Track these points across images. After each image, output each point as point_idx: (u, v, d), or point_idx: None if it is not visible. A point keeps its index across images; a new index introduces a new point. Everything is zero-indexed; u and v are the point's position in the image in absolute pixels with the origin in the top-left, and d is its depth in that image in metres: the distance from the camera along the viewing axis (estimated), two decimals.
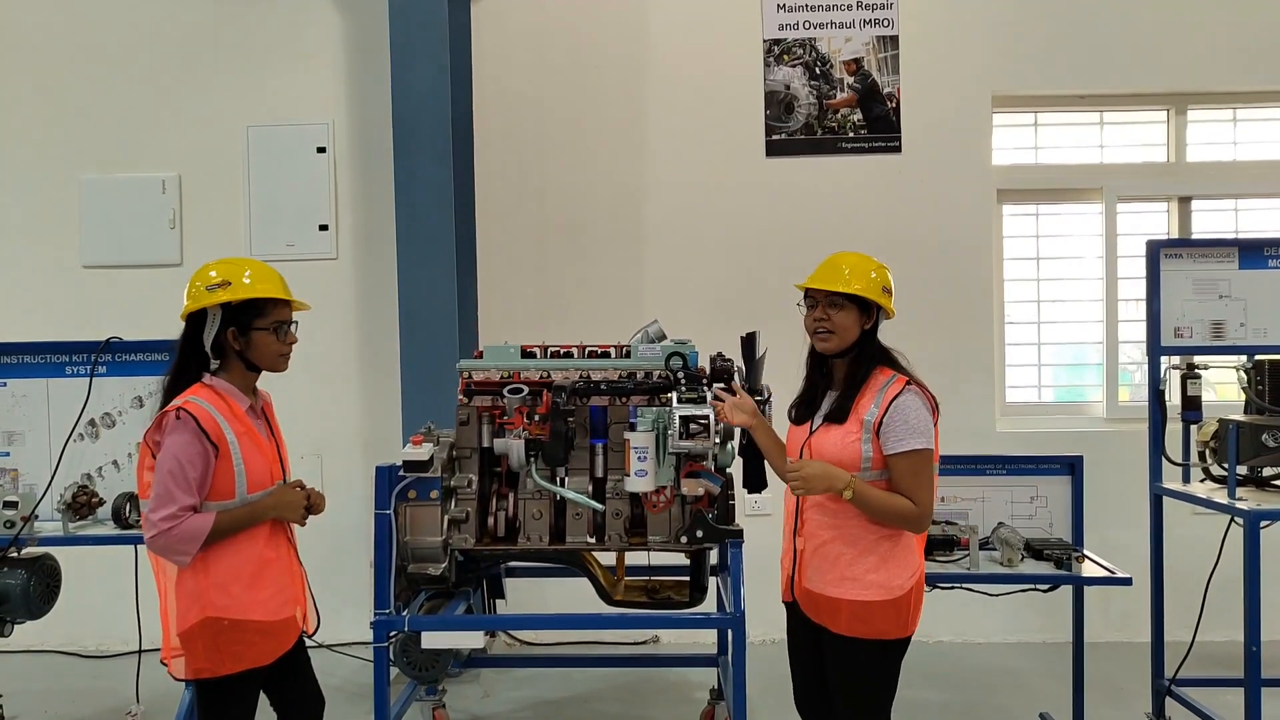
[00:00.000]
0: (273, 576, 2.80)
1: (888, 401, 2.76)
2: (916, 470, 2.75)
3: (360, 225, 5.57)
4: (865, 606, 2.77)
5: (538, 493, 3.40)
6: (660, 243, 5.56)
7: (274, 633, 2.79)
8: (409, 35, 4.90)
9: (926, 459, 2.76)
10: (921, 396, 2.79)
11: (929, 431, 2.77)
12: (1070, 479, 4.01)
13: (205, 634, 2.67)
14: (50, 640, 5.44)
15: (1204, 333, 4.25)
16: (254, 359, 2.80)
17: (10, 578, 3.72)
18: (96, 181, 5.59)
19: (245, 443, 2.73)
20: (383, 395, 5.43)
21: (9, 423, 4.05)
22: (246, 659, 2.72)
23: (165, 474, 2.62)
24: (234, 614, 2.69)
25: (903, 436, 2.73)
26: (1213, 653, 4.46)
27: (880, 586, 2.77)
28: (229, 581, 2.70)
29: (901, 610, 2.79)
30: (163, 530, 2.60)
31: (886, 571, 2.79)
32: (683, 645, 5.39)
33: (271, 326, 2.79)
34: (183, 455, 2.62)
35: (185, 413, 2.64)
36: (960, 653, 5.27)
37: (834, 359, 2.90)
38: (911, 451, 2.73)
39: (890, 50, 5.47)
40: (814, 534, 2.86)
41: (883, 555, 2.79)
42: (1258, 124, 5.69)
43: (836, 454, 2.78)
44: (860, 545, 2.79)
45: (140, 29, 5.60)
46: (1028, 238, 5.71)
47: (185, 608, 2.70)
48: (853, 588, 2.78)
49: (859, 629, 2.78)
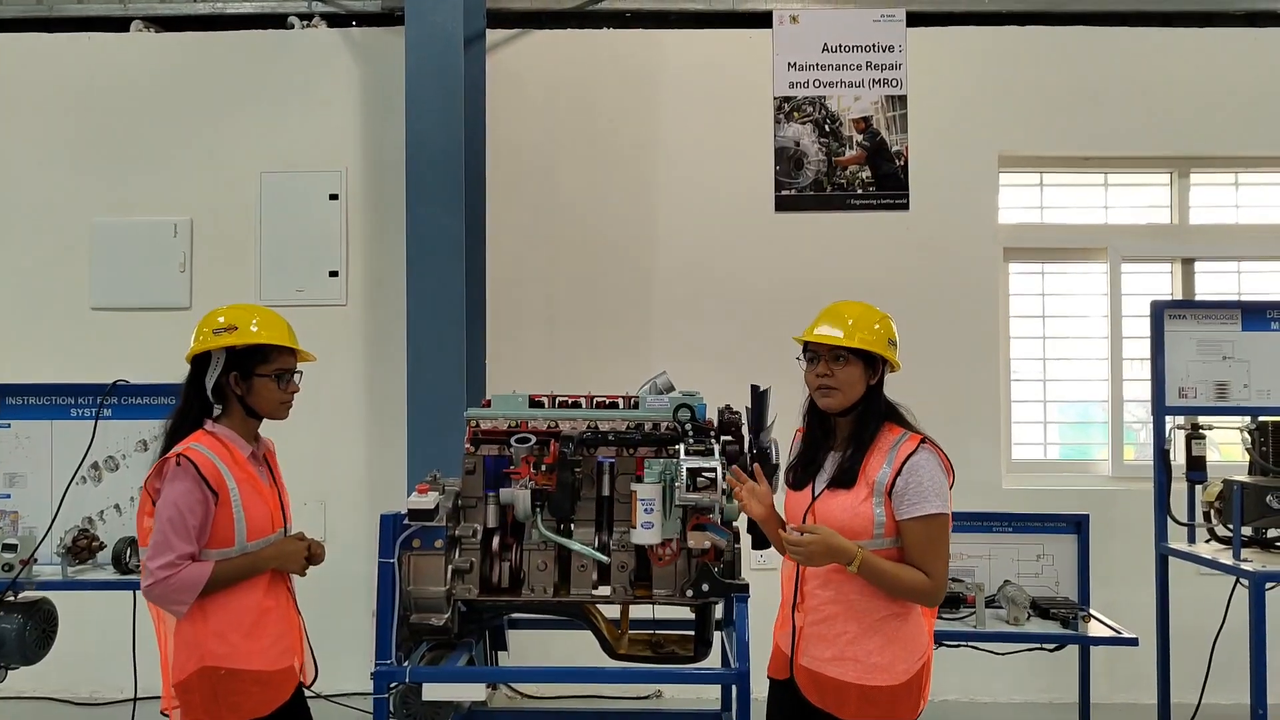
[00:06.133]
0: (271, 625, 2.78)
1: (901, 461, 2.56)
2: (932, 537, 2.54)
3: (370, 272, 5.60)
4: (876, 691, 2.57)
5: (542, 544, 3.38)
6: (669, 295, 5.59)
7: (272, 683, 2.76)
8: (424, 86, 4.96)
9: (943, 525, 2.56)
10: (937, 456, 2.60)
11: (945, 494, 2.57)
12: (1076, 537, 4.00)
13: (203, 684, 2.65)
14: (43, 687, 5.36)
15: (1208, 393, 4.26)
16: (254, 405, 2.81)
17: (6, 622, 3.66)
18: (108, 224, 5.63)
19: (246, 490, 2.73)
20: (388, 442, 5.41)
21: (11, 464, 4.01)
22: (245, 709, 2.69)
23: (164, 522, 2.61)
24: (232, 663, 2.67)
25: (917, 500, 2.53)
26: (1219, 715, 4.41)
27: (884, 670, 2.58)
28: (227, 630, 2.67)
29: (912, 695, 2.62)
30: (159, 579, 2.59)
31: (891, 653, 2.59)
32: (686, 700, 5.32)
33: (274, 374, 2.80)
34: (182, 503, 2.61)
35: (186, 459, 2.64)
36: (966, 712, 5.20)
37: (837, 417, 2.70)
38: (928, 517, 2.53)
39: (899, 109, 5.54)
40: (816, 608, 2.66)
41: (889, 635, 2.59)
42: (1259, 188, 5.75)
43: (846, 521, 2.57)
44: (865, 622, 2.59)
45: (157, 74, 5.68)
46: (1033, 296, 5.74)
47: (183, 657, 2.68)
48: (851, 669, 2.59)
49: (871, 714, 2.58)
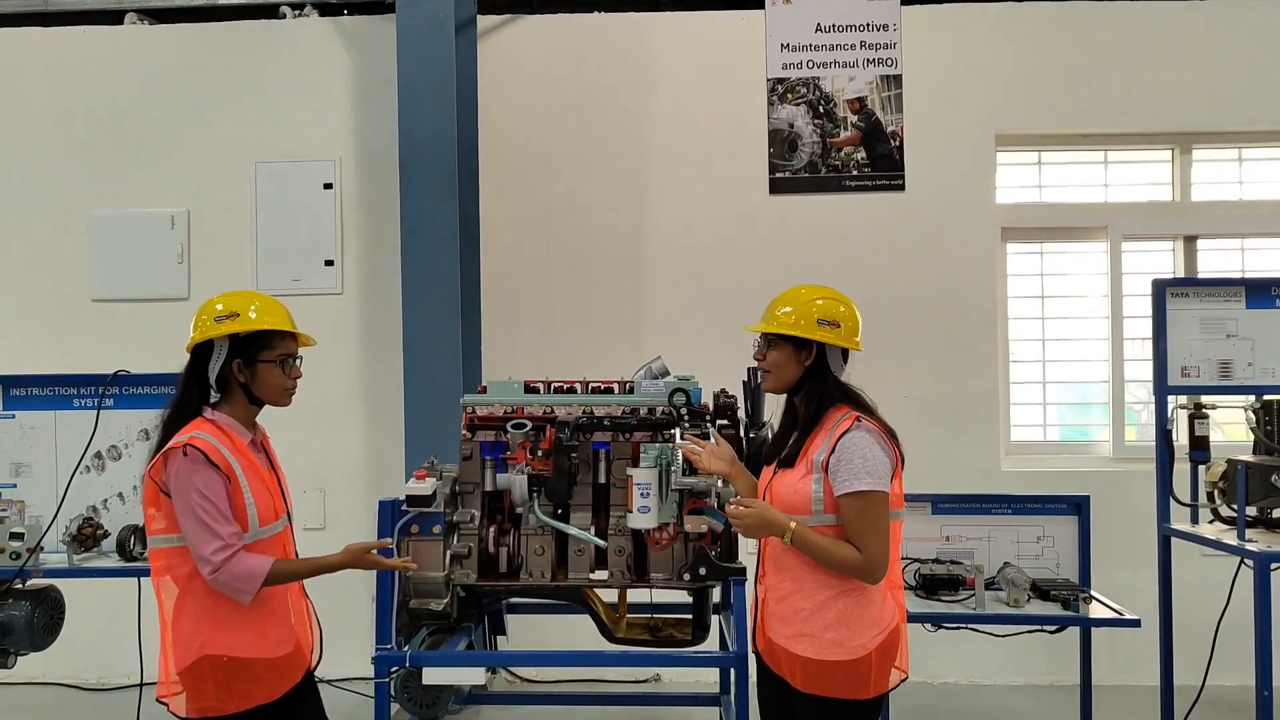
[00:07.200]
0: (276, 611, 2.77)
1: (835, 439, 2.59)
2: (862, 514, 2.54)
3: (365, 261, 5.60)
4: (821, 665, 2.59)
5: (540, 528, 3.39)
6: (664, 279, 5.58)
7: (278, 669, 2.75)
8: (416, 73, 4.95)
9: (875, 502, 2.55)
10: (876, 434, 2.61)
11: (880, 472, 2.56)
12: (1077, 519, 3.98)
13: (206, 672, 2.64)
14: (52, 672, 5.42)
15: (1211, 372, 4.22)
16: (258, 392, 2.79)
17: (15, 609, 3.71)
18: (106, 217, 5.65)
19: (250, 476, 2.72)
20: (386, 430, 5.42)
21: (17, 454, 4.05)
22: (253, 696, 2.68)
23: (198, 511, 2.59)
24: (234, 651, 2.65)
25: (848, 477, 2.54)
26: (1223, 697, 4.40)
27: (838, 645, 2.58)
28: (230, 619, 2.66)
29: (861, 672, 2.58)
30: (218, 565, 2.57)
31: (846, 629, 2.59)
32: (685, 684, 5.33)
33: (277, 359, 2.78)
34: (206, 489, 2.59)
35: (193, 448, 2.62)
36: (966, 694, 5.21)
37: (791, 398, 2.79)
38: (858, 493, 2.54)
39: (894, 89, 5.51)
40: (775, 585, 2.73)
41: (841, 612, 2.60)
42: (1263, 163, 5.70)
43: (785, 497, 2.65)
44: (816, 599, 2.62)
45: (151, 67, 5.68)
46: (1032, 276, 5.72)
47: (185, 645, 2.66)
48: (808, 645, 2.61)
49: (815, 686, 2.61)
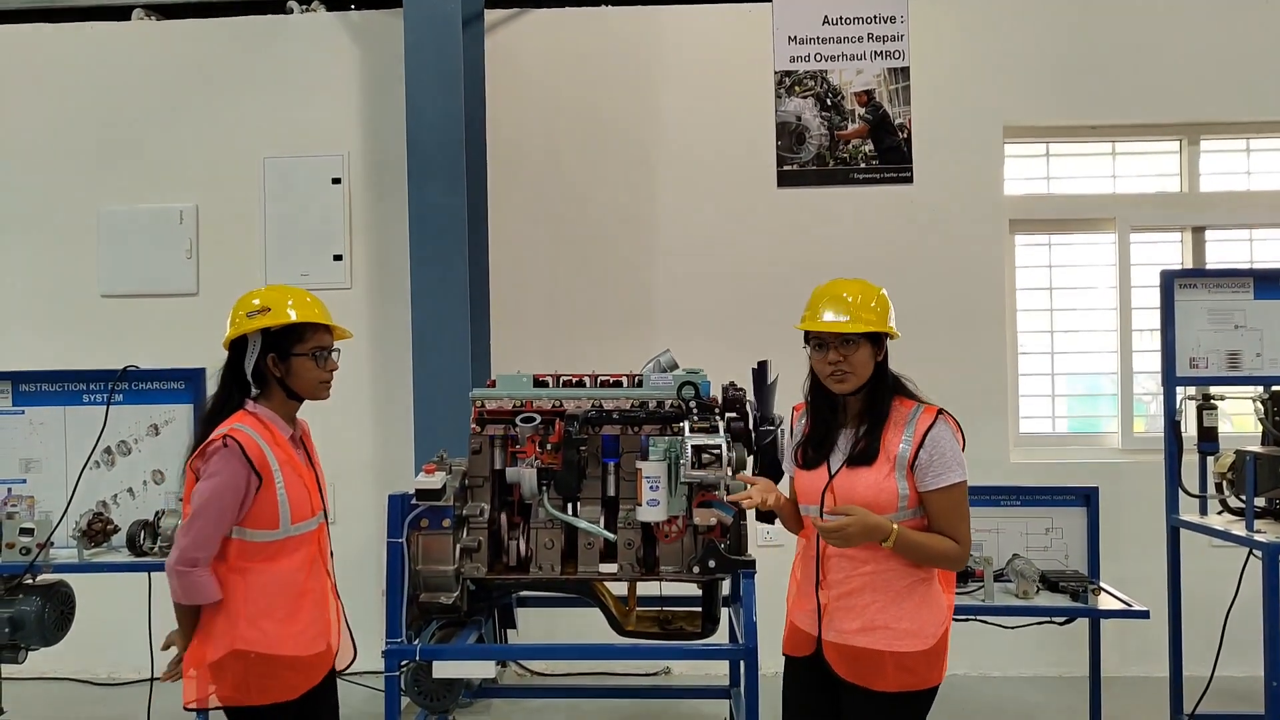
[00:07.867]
0: (307, 610, 2.78)
1: (921, 435, 2.60)
2: (957, 504, 2.61)
3: (374, 255, 5.61)
4: (909, 658, 2.59)
5: (549, 522, 3.40)
6: (672, 272, 5.58)
7: (302, 667, 2.76)
8: (423, 67, 4.95)
9: (965, 491, 2.64)
10: (952, 426, 2.66)
11: (964, 461, 2.63)
12: (1086, 510, 3.99)
13: (235, 665, 2.66)
14: (63, 667, 5.43)
15: (1220, 363, 4.22)
16: (294, 386, 2.80)
17: (25, 604, 3.74)
18: (115, 212, 5.66)
19: (287, 471, 2.73)
20: (395, 424, 5.44)
21: (27, 450, 4.07)
22: (273, 692, 2.70)
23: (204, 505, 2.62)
24: (264, 648, 2.67)
25: (942, 472, 2.59)
26: (1232, 688, 4.41)
27: (914, 635, 2.60)
28: (262, 615, 2.68)
29: (940, 656, 2.64)
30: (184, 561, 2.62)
31: (920, 619, 2.62)
32: (694, 677, 5.35)
33: (311, 352, 2.79)
34: (225, 492, 2.61)
35: (232, 440, 2.63)
36: (975, 686, 5.22)
37: (846, 396, 2.70)
38: (952, 486, 2.60)
39: (901, 82, 5.50)
40: (840, 582, 2.67)
41: (917, 601, 2.63)
42: (1271, 154, 5.68)
43: (870, 497, 2.59)
44: (892, 590, 2.62)
45: (158, 62, 5.69)
46: (1040, 268, 5.71)
47: (217, 638, 2.67)
48: (885, 637, 2.60)
49: (907, 682, 2.60)
